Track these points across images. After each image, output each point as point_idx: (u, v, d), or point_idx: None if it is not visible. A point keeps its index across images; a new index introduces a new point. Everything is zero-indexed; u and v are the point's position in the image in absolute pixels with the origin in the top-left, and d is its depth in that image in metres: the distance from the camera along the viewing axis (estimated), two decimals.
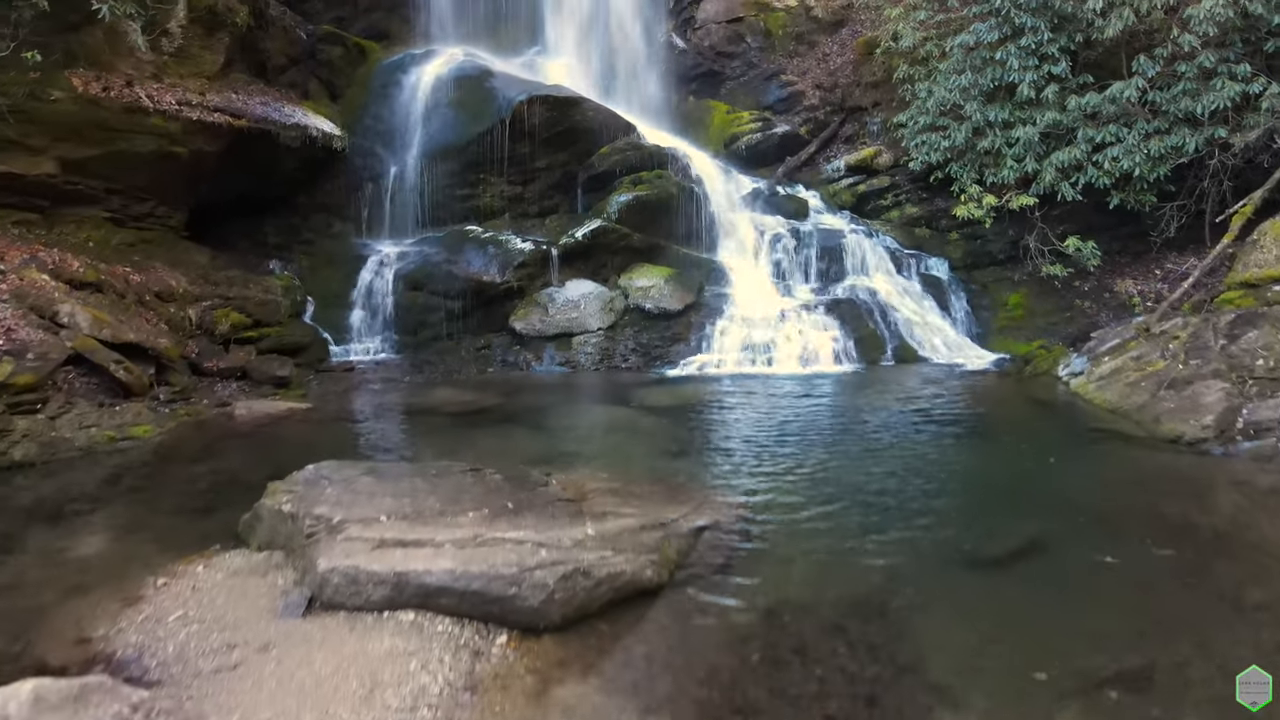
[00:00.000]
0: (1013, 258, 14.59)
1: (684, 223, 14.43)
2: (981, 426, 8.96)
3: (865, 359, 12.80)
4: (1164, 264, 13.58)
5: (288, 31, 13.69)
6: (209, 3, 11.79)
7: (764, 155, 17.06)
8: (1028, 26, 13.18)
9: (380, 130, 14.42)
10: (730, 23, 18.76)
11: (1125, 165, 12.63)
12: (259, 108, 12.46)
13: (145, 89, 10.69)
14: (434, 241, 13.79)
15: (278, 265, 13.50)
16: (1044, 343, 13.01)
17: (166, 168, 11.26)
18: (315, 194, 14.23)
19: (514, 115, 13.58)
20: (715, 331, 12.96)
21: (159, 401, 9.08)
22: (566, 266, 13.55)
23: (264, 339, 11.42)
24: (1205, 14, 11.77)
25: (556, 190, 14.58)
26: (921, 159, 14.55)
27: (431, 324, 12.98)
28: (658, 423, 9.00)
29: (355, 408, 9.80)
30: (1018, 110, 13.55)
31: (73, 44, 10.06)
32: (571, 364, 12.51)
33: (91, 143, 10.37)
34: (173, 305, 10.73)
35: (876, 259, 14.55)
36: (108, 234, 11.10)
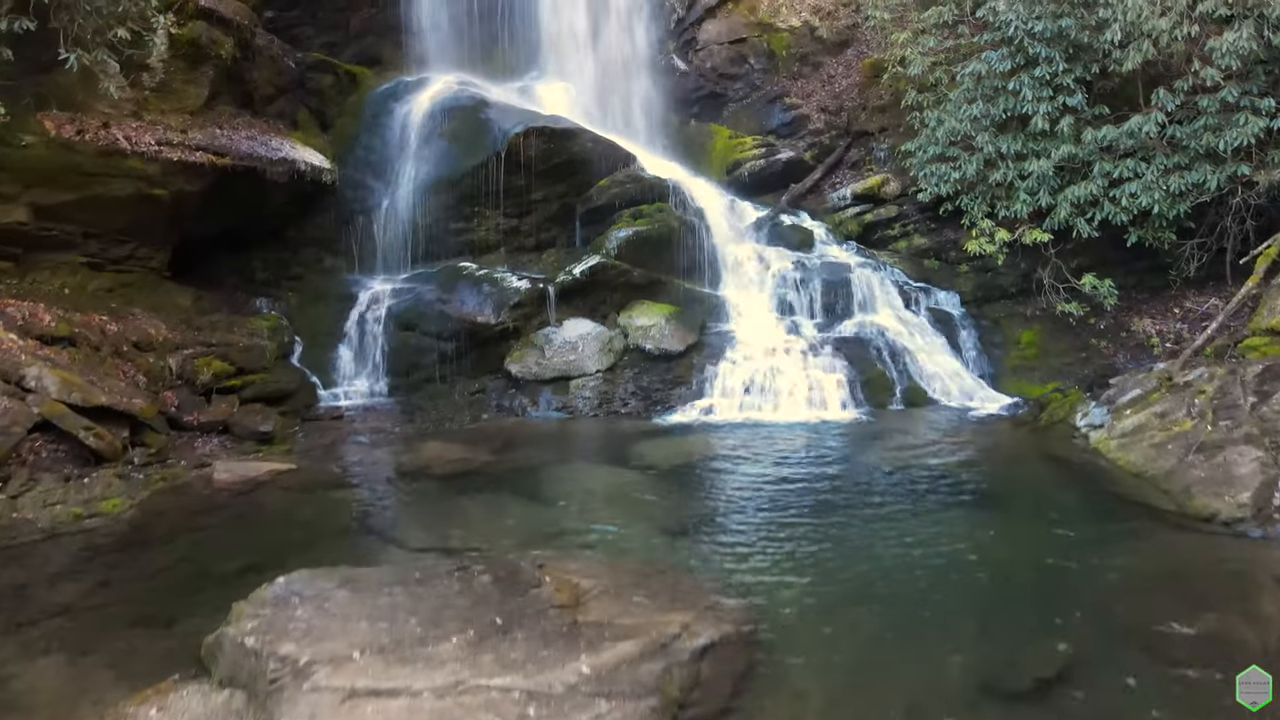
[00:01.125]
0: (1025, 291, 14.12)
1: (685, 256, 13.98)
2: (999, 494, 8.49)
3: (873, 402, 12.33)
4: (1183, 302, 13.11)
5: (275, 61, 13.23)
6: (192, 36, 11.35)
7: (768, 182, 16.59)
8: (1042, 57, 12.72)
9: (372, 161, 13.96)
10: (733, 44, 18.31)
11: (1144, 202, 12.17)
12: (244, 143, 12.00)
13: (123, 129, 10.24)
14: (427, 278, 13.33)
15: (265, 303, 13.05)
16: (1059, 385, 12.53)
17: (147, 209, 10.81)
18: (305, 227, 13.77)
19: (510, 148, 13.12)
20: (718, 373, 12.49)
21: (133, 466, 8.62)
22: (564, 304, 13.09)
23: (247, 387, 10.95)
24: (1228, 47, 11.32)
25: (554, 223, 14.12)
26: (931, 190, 14.08)
27: (424, 366, 12.53)
28: (657, 490, 8.54)
29: (341, 469, 9.33)
30: (1031, 142, 13.08)
31: (45, 85, 9.60)
32: (569, 409, 12.05)
33: (66, 188, 9.92)
34: (151, 355, 10.27)
35: (884, 294, 14.09)
36: (84, 280, 10.65)
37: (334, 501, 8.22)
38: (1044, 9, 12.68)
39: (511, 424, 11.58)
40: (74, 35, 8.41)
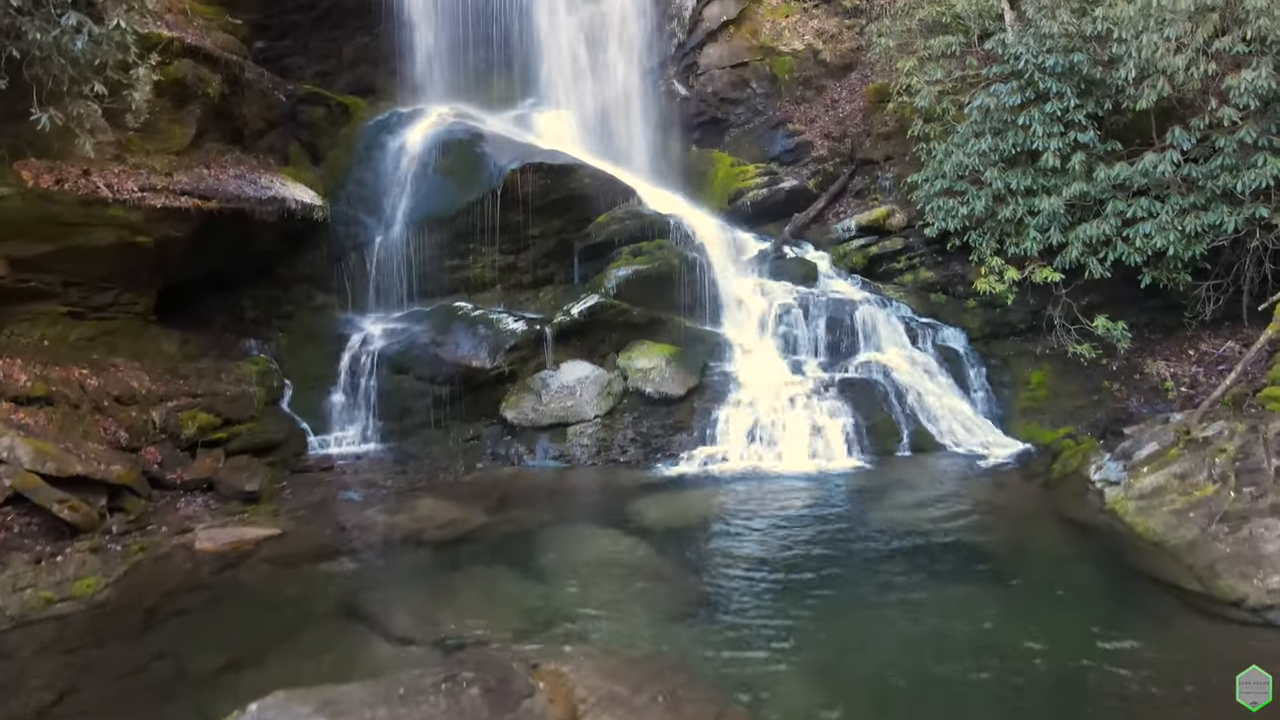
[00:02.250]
0: (1034, 328, 13.74)
1: (686, 293, 13.62)
2: (1013, 567, 8.14)
3: (879, 449, 11.98)
4: (1198, 344, 12.76)
5: (265, 95, 12.88)
6: (177, 76, 11.01)
7: (770, 211, 16.24)
8: (1053, 92, 12.37)
9: (364, 196, 13.61)
10: (734, 68, 17.95)
11: (1158, 243, 11.81)
12: (232, 183, 11.66)
13: (104, 176, 9.89)
14: (421, 318, 12.98)
15: (255, 345, 12.70)
16: (1070, 430, 12.20)
17: (130, 256, 10.47)
18: (296, 265, 13.43)
19: (506, 185, 12.77)
20: (720, 418, 12.15)
21: (110, 536, 8.28)
22: (561, 345, 12.75)
23: (234, 439, 10.62)
24: (1246, 86, 10.98)
25: (551, 259, 13.77)
26: (938, 225, 13.72)
27: (418, 411, 12.18)
28: (657, 563, 8.20)
29: (329, 535, 8.97)
30: (1041, 178, 12.73)
31: (23, 132, 9.22)
32: (566, 458, 11.69)
33: (44, 239, 9.57)
34: (134, 409, 9.93)
35: (889, 331, 13.73)
36: (65, 330, 10.31)
37: (320, 578, 7.85)
38: (1055, 43, 12.34)
39: (507, 475, 11.22)
40: (48, 89, 8.06)
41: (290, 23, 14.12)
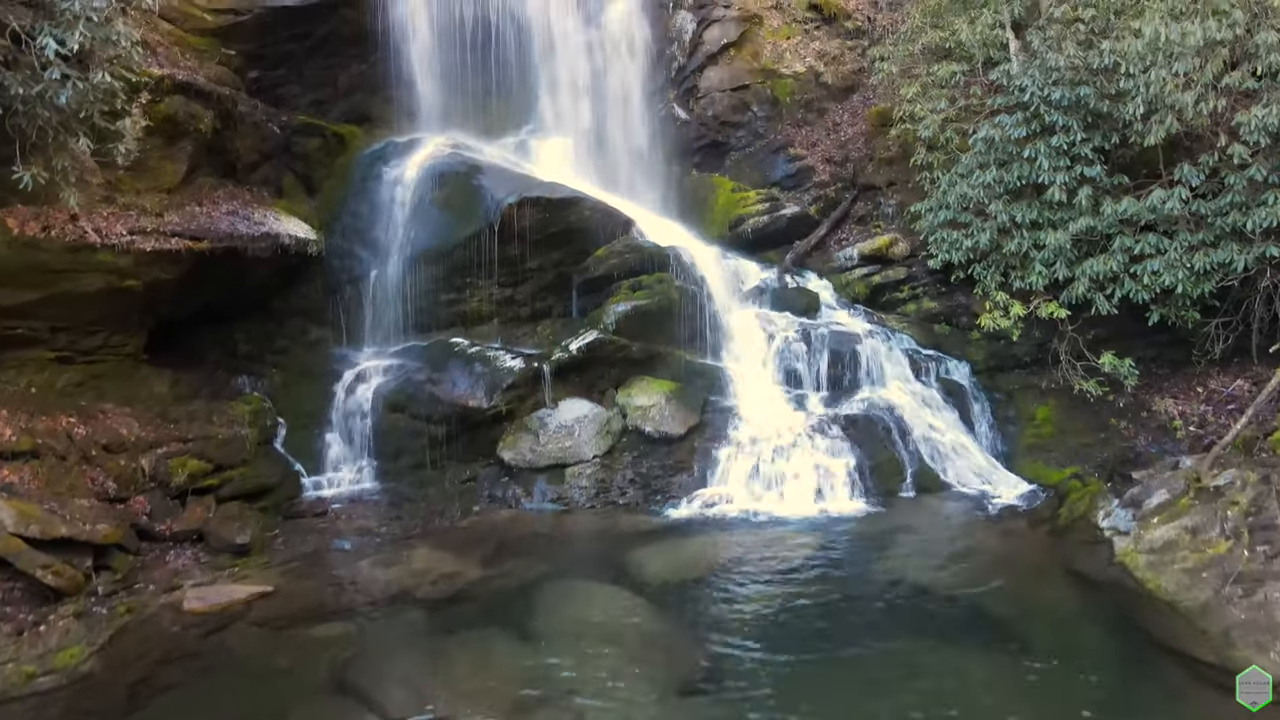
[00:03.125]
0: (1039, 360, 13.52)
1: (686, 326, 13.42)
2: (1021, 628, 8.00)
3: (883, 489, 11.79)
4: (1207, 381, 12.56)
5: (259, 127, 12.67)
6: (168, 113, 10.80)
7: (772, 238, 16.01)
8: (1059, 125, 12.16)
9: (360, 229, 13.41)
10: (735, 90, 17.72)
11: (1166, 281, 11.61)
12: (225, 220, 11.46)
13: (92, 221, 9.68)
14: (417, 353, 12.78)
15: (248, 382, 12.52)
16: (1077, 470, 12.00)
17: (119, 300, 10.28)
18: (290, 298, 13.23)
19: (503, 219, 12.58)
20: (721, 458, 11.96)
21: (96, 598, 8.08)
22: (559, 382, 12.55)
23: (225, 485, 10.43)
24: (1257, 123, 10.78)
25: (550, 292, 13.57)
26: (941, 257, 13.51)
27: (413, 450, 11.97)
28: (658, 625, 8.04)
29: (321, 592, 8.75)
30: (1047, 210, 12.51)
31: (7, 179, 9.00)
32: (565, 500, 11.48)
33: (31, 286, 9.37)
34: (123, 457, 9.73)
35: (893, 364, 13.53)
36: (53, 376, 10.10)
37: (312, 644, 7.64)
38: (1061, 75, 12.13)
39: (504, 519, 11.02)
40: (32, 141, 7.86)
41: (285, 52, 13.90)
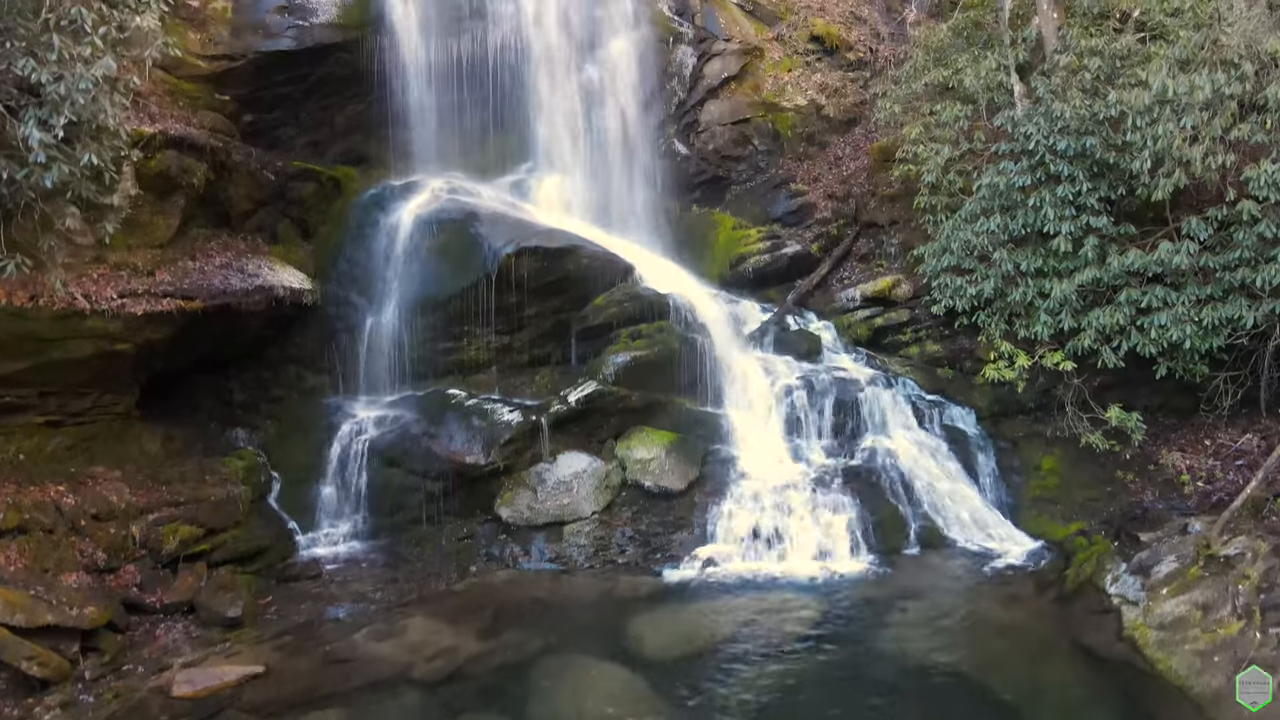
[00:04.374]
0: (1044, 407, 13.33)
1: (686, 373, 13.24)
2: (1026, 712, 7.79)
3: (885, 546, 11.60)
4: (1215, 434, 12.36)
5: (254, 175, 12.50)
6: (161, 168, 10.65)
7: (773, 277, 15.87)
8: (1064, 175, 12.00)
9: (356, 276, 13.24)
10: (735, 124, 17.58)
11: (1174, 336, 11.43)
12: (218, 275, 11.30)
13: (81, 285, 9.52)
14: (414, 404, 12.61)
15: (242, 435, 12.37)
16: (1083, 526, 11.82)
17: (109, 363, 10.13)
18: (286, 346, 13.07)
19: (501, 269, 12.41)
20: (721, 514, 11.77)
21: (83, 684, 7.90)
22: (558, 433, 12.38)
23: (218, 549, 10.28)
24: (1266, 178, 10.61)
25: (548, 339, 13.40)
26: (945, 303, 13.32)
27: (410, 506, 11.81)
28: (659, 711, 7.82)
29: (314, 672, 8.53)
30: (1052, 259, 12.33)
31: None
32: (563, 559, 11.30)
33: (18, 356, 9.21)
34: (113, 525, 9.57)
35: (896, 413, 13.35)
36: (42, 441, 9.94)
37: None
38: (1066, 125, 11.97)
39: (502, 581, 10.82)
40: (16, 221, 7.69)
41: (280, 95, 13.74)
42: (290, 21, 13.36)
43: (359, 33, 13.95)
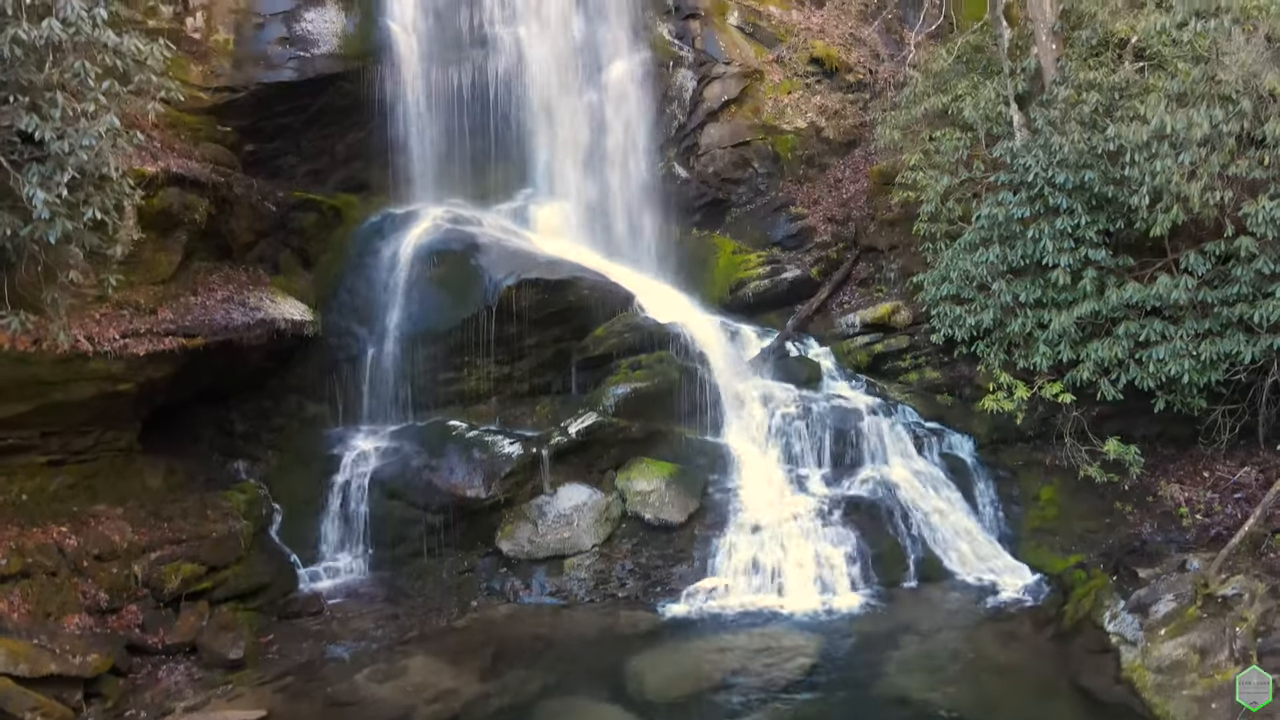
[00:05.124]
0: (1043, 434, 13.34)
1: (687, 401, 13.30)
2: None
3: (885, 579, 11.65)
4: (1213, 466, 12.39)
5: (255, 207, 12.55)
6: (163, 206, 10.69)
7: (773, 301, 15.91)
8: (1063, 208, 12.03)
9: (357, 306, 13.29)
10: (735, 147, 17.61)
11: (1172, 370, 11.46)
12: (220, 309, 11.35)
13: (84, 327, 9.56)
14: (414, 434, 12.65)
15: (243, 467, 12.43)
16: (1082, 559, 11.86)
17: (111, 402, 10.16)
18: (287, 376, 13.12)
19: (501, 301, 12.46)
20: (721, 547, 11.83)
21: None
22: (558, 464, 12.42)
23: (219, 587, 10.33)
24: (1264, 215, 10.64)
25: (548, 368, 13.44)
26: (945, 333, 13.33)
27: (411, 539, 11.86)
28: None
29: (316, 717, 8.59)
30: (1051, 290, 12.35)
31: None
32: (563, 593, 11.34)
33: (20, 400, 9.25)
34: (115, 564, 9.63)
35: (895, 442, 13.38)
36: (44, 481, 9.98)
37: None
38: (1065, 158, 12.00)
39: (502, 617, 10.85)
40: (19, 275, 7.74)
41: (281, 125, 13.80)
42: (292, 53, 13.42)
43: (360, 63, 14.01)
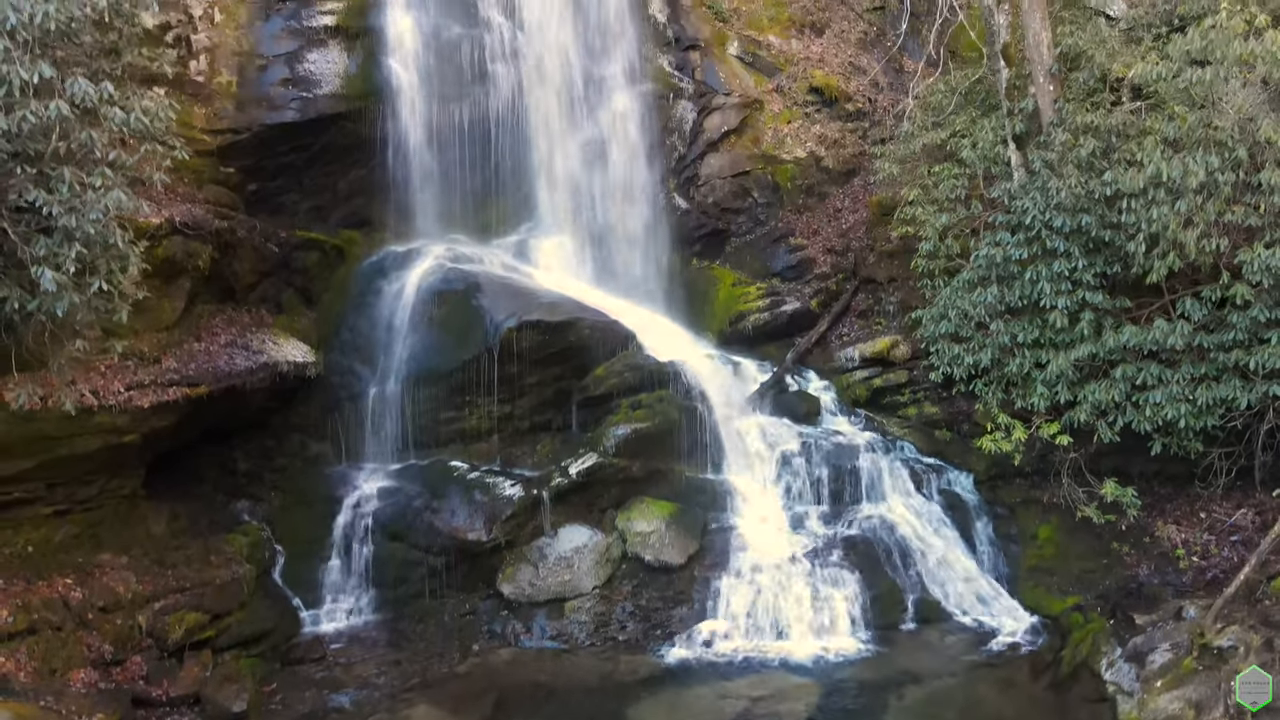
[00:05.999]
0: (1041, 471, 13.40)
1: (686, 439, 13.39)
2: None
3: (883, 621, 11.75)
4: (1210, 506, 12.47)
5: (258, 249, 12.62)
6: (167, 255, 10.78)
7: (773, 333, 15.97)
8: (1060, 251, 12.11)
9: (359, 345, 13.38)
10: (735, 177, 17.73)
11: (1169, 414, 11.54)
12: (223, 354, 11.46)
13: (90, 381, 9.64)
14: (416, 474, 12.75)
15: (246, 508, 12.52)
16: (1079, 601, 11.92)
17: (116, 453, 10.24)
18: (289, 415, 13.21)
19: (502, 344, 12.57)
20: (721, 589, 11.90)
21: None
22: (559, 504, 12.50)
23: (223, 634, 10.43)
24: (1260, 264, 10.71)
25: (549, 406, 13.53)
26: (943, 370, 13.41)
27: (412, 580, 11.96)
28: None
29: None
30: (1049, 331, 12.43)
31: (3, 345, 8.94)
32: (564, 637, 11.43)
33: (26, 455, 9.35)
34: (119, 615, 9.72)
35: (894, 478, 13.47)
36: (50, 532, 10.07)
37: None
38: (1063, 202, 12.08)
39: (504, 662, 10.94)
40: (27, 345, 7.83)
41: (283, 164, 13.88)
42: (294, 94, 13.52)
43: (362, 102, 14.10)
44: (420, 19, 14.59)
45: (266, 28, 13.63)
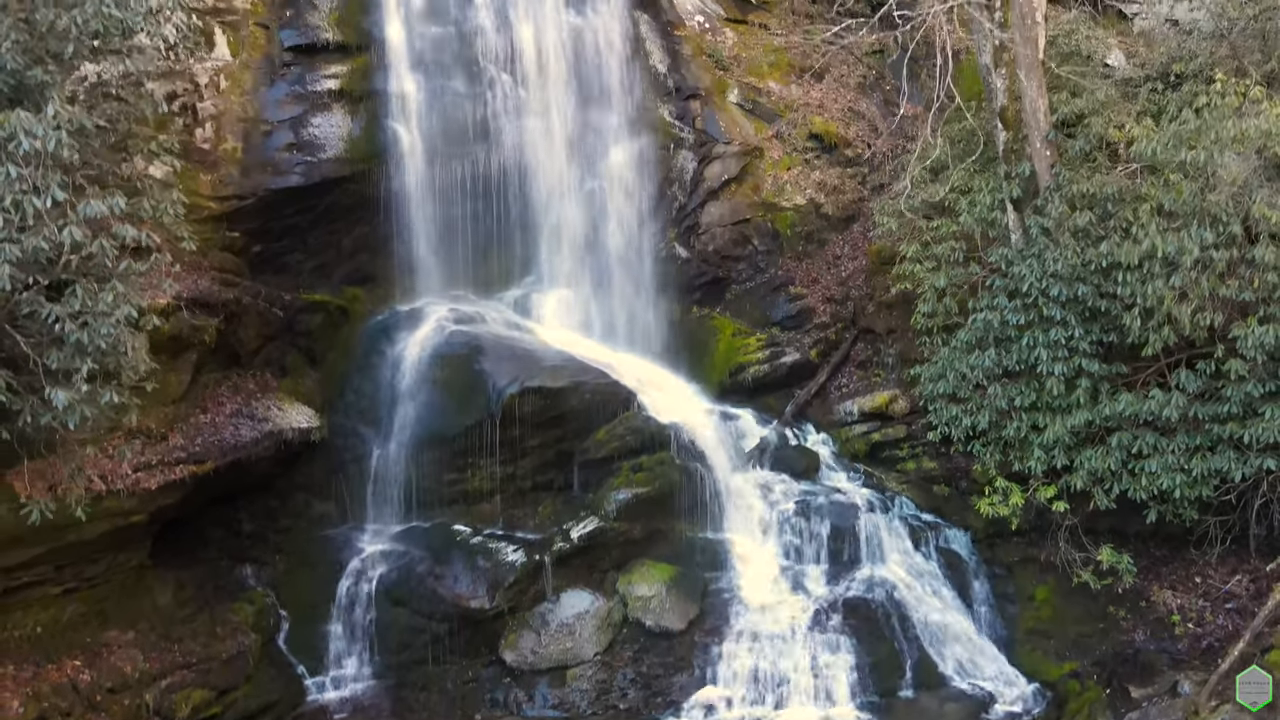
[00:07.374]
0: (1039, 529, 13.52)
1: (686, 499, 13.52)
2: None
3: (882, 688, 11.91)
4: (1206, 572, 12.60)
5: (263, 314, 12.77)
6: (174, 332, 10.91)
7: (773, 385, 16.08)
8: (1057, 319, 12.25)
9: (363, 407, 13.52)
10: (735, 225, 17.81)
11: (1164, 484, 11.66)
12: (228, 426, 11.60)
13: (98, 465, 9.77)
14: (419, 537, 12.88)
15: (251, 572, 12.63)
16: (1076, 667, 12.09)
17: (123, 533, 10.38)
18: (294, 476, 13.32)
19: (505, 409, 12.71)
20: (721, 655, 12.06)
21: None
22: (560, 568, 12.64)
23: (228, 710, 10.58)
24: (1254, 340, 10.83)
25: (551, 467, 13.66)
26: (941, 430, 13.53)
27: (416, 646, 12.10)
28: None
29: None
30: (1046, 395, 12.55)
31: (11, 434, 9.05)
32: (566, 706, 11.59)
33: (36, 543, 9.47)
34: (127, 695, 9.86)
35: (893, 537, 13.60)
36: (57, 612, 10.21)
37: None
38: (1059, 271, 12.21)
39: None
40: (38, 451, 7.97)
41: (288, 225, 14.00)
42: (299, 158, 13.64)
43: (366, 164, 14.22)
44: (422, 81, 14.72)
45: (271, 93, 13.75)
